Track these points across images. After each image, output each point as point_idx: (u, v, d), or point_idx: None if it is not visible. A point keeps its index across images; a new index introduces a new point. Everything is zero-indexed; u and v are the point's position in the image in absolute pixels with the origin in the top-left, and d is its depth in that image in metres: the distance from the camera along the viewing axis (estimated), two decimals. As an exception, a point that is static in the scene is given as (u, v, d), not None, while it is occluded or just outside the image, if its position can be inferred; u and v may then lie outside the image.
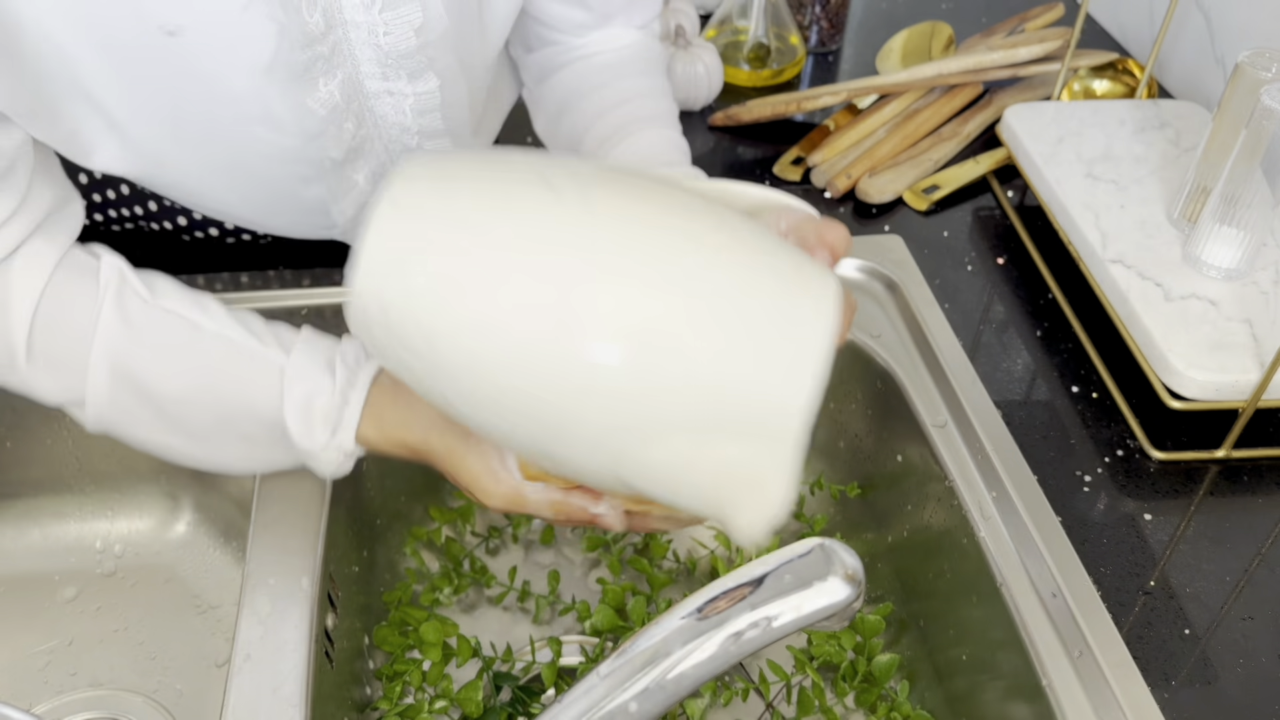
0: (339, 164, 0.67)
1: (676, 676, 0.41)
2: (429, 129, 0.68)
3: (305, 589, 0.64)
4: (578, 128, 0.73)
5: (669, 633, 0.41)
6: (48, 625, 0.82)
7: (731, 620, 0.41)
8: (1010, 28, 1.13)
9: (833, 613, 0.40)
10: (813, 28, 1.15)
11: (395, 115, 0.67)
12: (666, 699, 0.41)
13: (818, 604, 0.40)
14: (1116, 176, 0.85)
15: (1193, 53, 1.05)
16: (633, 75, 0.75)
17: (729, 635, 0.40)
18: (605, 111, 0.72)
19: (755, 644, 0.41)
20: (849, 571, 0.41)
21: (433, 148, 0.70)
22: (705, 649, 0.41)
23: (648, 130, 0.70)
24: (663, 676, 0.41)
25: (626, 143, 0.69)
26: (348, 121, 0.64)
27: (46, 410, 0.81)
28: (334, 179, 0.67)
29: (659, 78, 0.76)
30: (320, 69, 0.60)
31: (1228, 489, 0.71)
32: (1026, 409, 0.76)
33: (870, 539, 0.83)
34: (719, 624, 0.41)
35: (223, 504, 0.86)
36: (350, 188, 0.69)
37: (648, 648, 0.41)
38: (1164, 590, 0.65)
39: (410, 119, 0.67)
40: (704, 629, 0.41)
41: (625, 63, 0.75)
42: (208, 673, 0.80)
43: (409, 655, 0.74)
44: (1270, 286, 0.75)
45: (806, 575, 0.41)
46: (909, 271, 0.85)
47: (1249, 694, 0.60)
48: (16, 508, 0.86)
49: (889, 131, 1.00)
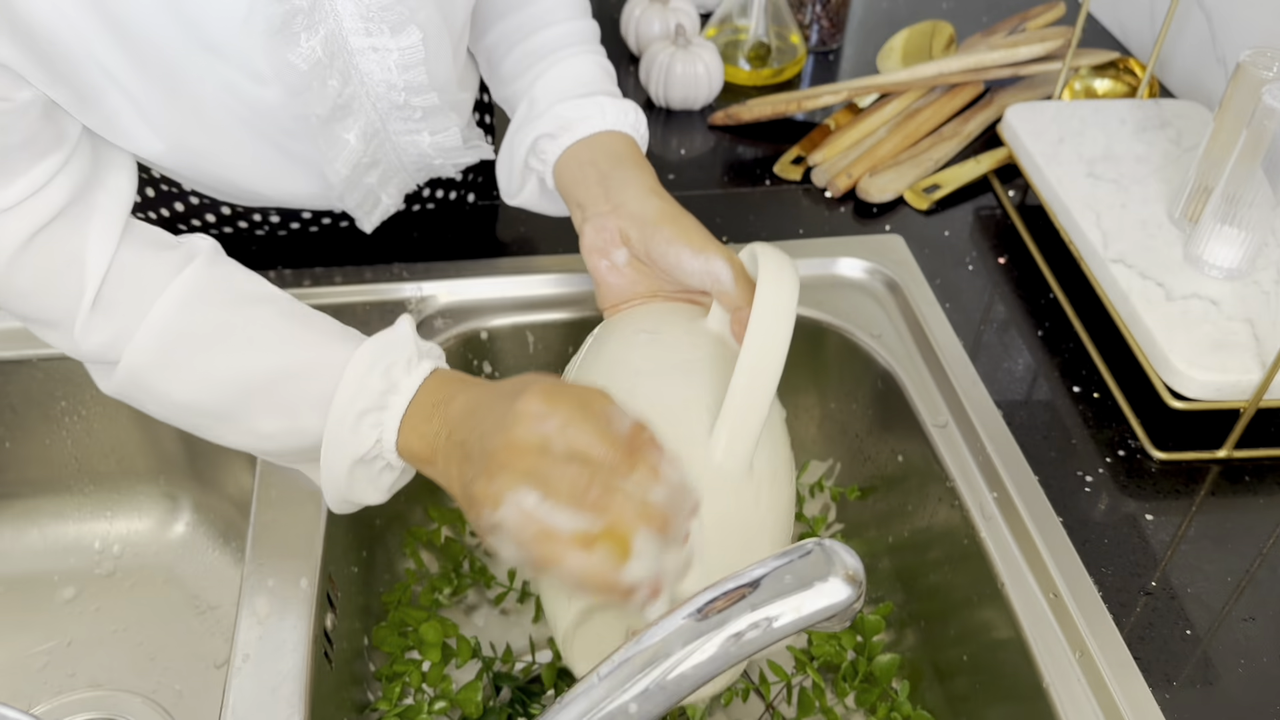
0: (326, 121, 0.67)
1: (677, 678, 0.41)
2: (415, 84, 0.68)
3: (304, 589, 0.63)
4: (507, 38, 0.76)
5: (669, 634, 0.41)
6: (47, 625, 0.82)
7: (732, 621, 0.40)
8: (1011, 27, 1.12)
9: (833, 614, 0.40)
10: (813, 27, 1.15)
11: (381, 72, 0.66)
12: (667, 700, 0.41)
13: (818, 605, 0.40)
14: (1118, 176, 0.85)
15: (1194, 52, 1.05)
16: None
17: (729, 636, 0.40)
18: (533, 26, 0.75)
19: (756, 645, 0.41)
20: (849, 572, 0.40)
21: (420, 103, 0.70)
22: (705, 650, 0.40)
23: (574, 57, 0.74)
24: (663, 678, 0.41)
25: (555, 69, 0.73)
26: (332, 79, 0.64)
27: (47, 410, 0.81)
28: (323, 137, 0.68)
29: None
30: (301, 24, 0.60)
31: (1229, 489, 0.71)
32: (1028, 409, 0.75)
33: (871, 538, 0.83)
34: (719, 625, 0.40)
35: (222, 504, 0.86)
36: (341, 147, 0.69)
37: (647, 648, 0.41)
38: (1165, 590, 0.65)
39: (396, 75, 0.67)
40: (704, 630, 0.41)
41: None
42: (207, 673, 0.80)
43: (408, 656, 0.74)
44: (1271, 286, 0.75)
45: (807, 576, 0.40)
46: (910, 271, 0.84)
47: (1250, 694, 0.60)
48: (16, 508, 0.86)
49: (890, 131, 1.00)
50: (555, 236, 0.88)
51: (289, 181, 0.73)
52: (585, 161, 0.69)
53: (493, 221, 0.90)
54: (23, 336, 0.78)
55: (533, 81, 0.74)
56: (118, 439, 0.84)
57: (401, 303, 0.80)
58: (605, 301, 0.68)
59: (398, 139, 0.73)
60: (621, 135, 0.70)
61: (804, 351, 0.84)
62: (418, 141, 0.74)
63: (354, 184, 0.74)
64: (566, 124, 0.70)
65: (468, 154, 0.78)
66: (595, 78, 0.74)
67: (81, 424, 0.82)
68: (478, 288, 0.82)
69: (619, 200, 0.65)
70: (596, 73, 0.74)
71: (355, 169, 0.72)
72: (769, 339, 0.55)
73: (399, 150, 0.74)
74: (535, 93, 0.73)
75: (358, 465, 0.59)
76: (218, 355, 0.61)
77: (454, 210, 0.91)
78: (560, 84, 0.72)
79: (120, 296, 0.60)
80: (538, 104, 0.72)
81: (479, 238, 0.88)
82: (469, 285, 0.82)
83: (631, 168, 0.68)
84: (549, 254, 0.85)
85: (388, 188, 0.77)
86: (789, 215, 0.92)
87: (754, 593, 0.40)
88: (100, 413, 0.82)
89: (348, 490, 0.61)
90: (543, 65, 0.74)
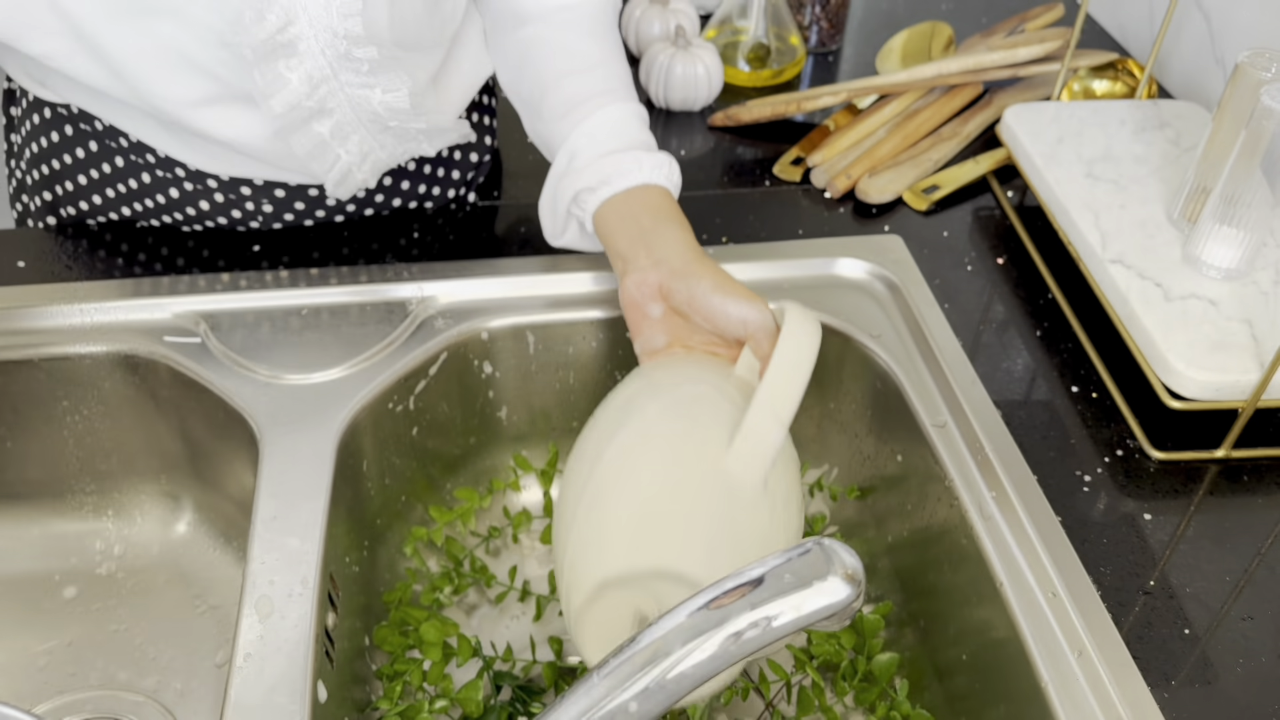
0: (264, 57, 0.68)
1: (677, 676, 0.41)
2: (353, 34, 0.70)
3: (305, 589, 0.64)
4: (536, 90, 0.79)
5: (668, 632, 0.41)
6: (48, 625, 0.82)
7: (731, 620, 0.41)
8: (1010, 28, 1.13)
9: (833, 613, 0.40)
10: (813, 28, 1.15)
11: (325, 18, 0.68)
12: (666, 699, 0.41)
13: (818, 604, 0.40)
14: (1116, 176, 0.85)
15: (1193, 53, 1.05)
16: (588, 37, 0.79)
17: (729, 635, 0.40)
18: (563, 77, 0.78)
19: (755, 644, 0.41)
20: (849, 571, 0.41)
21: (362, 55, 0.71)
22: (705, 649, 0.41)
23: (609, 106, 0.76)
24: (663, 676, 0.41)
25: (592, 119, 0.76)
26: (270, 14, 0.66)
27: (48, 410, 0.81)
28: (260, 72, 0.69)
29: (612, 36, 0.81)
30: None
31: (1228, 489, 0.71)
32: (1026, 409, 0.76)
33: (870, 538, 0.83)
34: (719, 623, 0.41)
35: (223, 504, 0.86)
36: (281, 85, 0.70)
37: (647, 647, 0.41)
38: (1164, 590, 0.65)
39: (337, 21, 0.69)
40: (703, 628, 0.41)
41: (580, 21, 0.80)
42: (208, 672, 0.80)
43: (409, 655, 0.74)
44: (1270, 286, 0.75)
45: (806, 575, 0.41)
46: (909, 272, 0.85)
47: (1249, 694, 0.60)
48: (16, 507, 0.86)
49: (889, 132, 1.01)
50: (555, 237, 0.88)
51: (229, 113, 0.74)
52: (625, 215, 0.73)
53: (493, 221, 0.90)
54: (24, 336, 0.79)
55: (570, 130, 0.76)
56: (119, 439, 0.84)
57: (402, 303, 0.80)
58: (642, 350, 0.72)
59: (351, 91, 0.74)
60: (659, 189, 0.74)
61: (803, 352, 0.84)
62: (369, 97, 0.74)
63: (298, 128, 0.74)
64: (606, 178, 0.73)
65: (437, 124, 0.79)
66: (632, 129, 0.76)
67: (83, 423, 0.82)
68: (478, 288, 0.82)
69: (661, 256, 0.69)
70: (633, 123, 0.77)
71: (296, 110, 0.72)
72: (795, 358, 0.60)
73: (354, 104, 0.75)
74: (574, 144, 0.76)
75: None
76: None
77: (454, 210, 0.91)
78: (598, 136, 0.76)
79: None
80: (578, 157, 0.75)
81: (479, 238, 0.88)
82: (469, 285, 0.82)
83: (672, 225, 0.72)
84: (549, 254, 0.85)
85: (347, 144, 0.77)
86: (788, 216, 0.92)
87: (754, 591, 0.41)
88: (102, 412, 0.82)
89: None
90: (579, 114, 0.76)
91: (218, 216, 0.84)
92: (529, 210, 0.91)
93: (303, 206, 0.85)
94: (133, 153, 0.81)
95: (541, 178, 0.78)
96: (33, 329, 0.79)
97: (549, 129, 0.79)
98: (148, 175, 0.82)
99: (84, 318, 0.80)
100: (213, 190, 0.82)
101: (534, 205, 0.92)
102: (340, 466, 0.70)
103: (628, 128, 0.76)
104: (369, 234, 0.87)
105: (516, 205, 0.92)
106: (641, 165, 0.73)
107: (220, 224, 0.85)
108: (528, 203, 0.92)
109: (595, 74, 0.78)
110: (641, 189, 0.73)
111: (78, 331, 0.79)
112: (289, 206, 0.84)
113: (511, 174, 0.96)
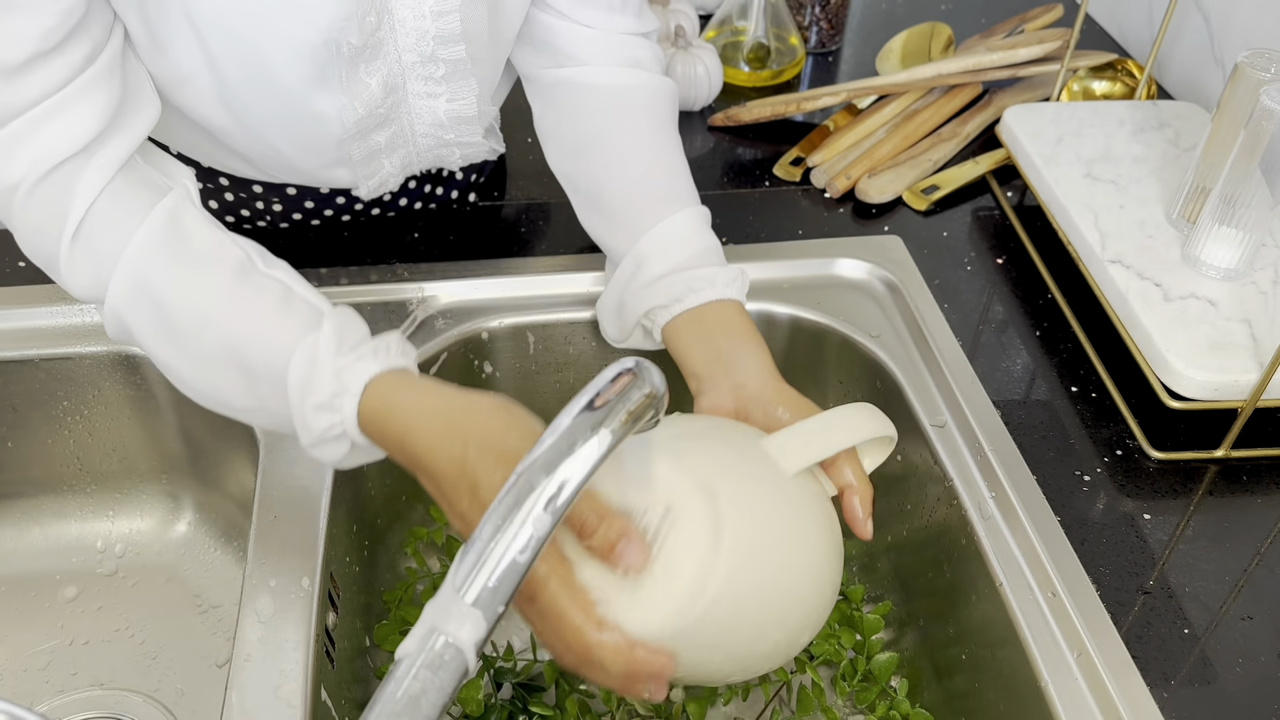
0: (354, 58, 0.67)
1: (565, 503, 0.42)
2: (445, 33, 0.69)
3: (306, 589, 0.64)
4: (598, 179, 0.76)
5: (566, 429, 0.44)
6: (49, 625, 0.82)
7: (618, 411, 0.45)
8: (1010, 28, 1.13)
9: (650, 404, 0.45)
10: (812, 28, 1.16)
11: (414, 20, 0.68)
12: (552, 522, 0.42)
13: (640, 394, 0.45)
14: (1116, 177, 0.85)
15: (1192, 53, 1.05)
16: (646, 125, 0.76)
17: (618, 425, 0.44)
18: (627, 175, 0.75)
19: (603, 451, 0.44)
20: (655, 386, 0.46)
21: (447, 55, 0.71)
22: (588, 455, 0.43)
23: (678, 212, 0.73)
24: (553, 504, 0.42)
25: (660, 226, 0.72)
26: (370, 14, 0.66)
27: (49, 410, 0.81)
28: (348, 74, 0.69)
29: (673, 127, 0.78)
30: None
31: (1227, 489, 0.71)
32: (1025, 409, 0.76)
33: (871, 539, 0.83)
34: (608, 414, 0.44)
35: (224, 504, 0.86)
36: (362, 89, 0.70)
37: (555, 440, 0.43)
38: (1163, 590, 0.65)
39: (429, 22, 0.68)
40: (597, 421, 0.44)
41: (636, 106, 0.77)
42: (208, 672, 0.80)
43: (409, 655, 0.74)
44: (1269, 286, 0.76)
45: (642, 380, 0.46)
46: (908, 272, 0.85)
47: (1248, 693, 0.60)
48: (17, 507, 0.87)
49: (889, 132, 1.01)
50: (555, 237, 0.88)
51: (299, 147, 0.74)
52: (700, 336, 0.69)
53: (494, 222, 0.90)
54: (24, 336, 0.79)
55: (636, 237, 0.73)
56: (120, 438, 0.84)
57: (402, 303, 0.80)
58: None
59: (414, 101, 0.74)
60: (733, 304, 0.70)
61: (804, 351, 0.84)
62: (434, 107, 0.74)
63: (363, 135, 0.74)
64: (678, 296, 0.70)
65: (476, 139, 0.78)
66: (702, 237, 0.73)
67: (84, 423, 0.82)
68: (479, 288, 0.82)
69: (739, 382, 0.66)
70: (701, 229, 0.74)
71: (370, 117, 0.72)
72: (860, 418, 0.59)
73: (414, 115, 0.75)
74: (642, 252, 0.72)
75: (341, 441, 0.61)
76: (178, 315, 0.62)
77: (455, 211, 0.91)
78: (669, 247, 0.72)
79: (98, 233, 0.61)
80: (646, 268, 0.72)
81: (480, 238, 0.88)
82: (470, 285, 0.82)
83: (750, 346, 0.68)
84: (549, 254, 0.85)
85: (393, 155, 0.78)
86: (788, 216, 0.92)
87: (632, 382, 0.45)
88: (102, 412, 0.82)
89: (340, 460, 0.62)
90: (647, 220, 0.73)
91: (225, 216, 0.84)
92: (529, 210, 0.91)
93: (311, 205, 0.85)
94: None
95: (542, 178, 0.77)
96: (33, 329, 0.79)
97: (611, 230, 0.75)
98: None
99: (84, 318, 0.80)
100: (224, 189, 0.82)
101: (534, 205, 0.92)
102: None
103: (698, 235, 0.73)
104: (370, 234, 0.87)
105: (517, 205, 0.92)
106: (714, 282, 0.70)
107: (227, 222, 0.85)
108: (528, 203, 0.92)
109: (661, 175, 0.75)
110: (715, 304, 0.69)
111: (78, 331, 0.79)
112: (298, 205, 0.84)
113: (512, 174, 0.96)
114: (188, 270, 0.62)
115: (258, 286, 0.62)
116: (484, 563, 0.41)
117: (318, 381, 0.59)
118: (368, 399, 0.59)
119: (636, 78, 0.77)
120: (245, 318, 0.61)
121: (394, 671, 0.39)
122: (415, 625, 0.41)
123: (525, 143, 0.99)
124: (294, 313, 0.61)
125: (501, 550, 0.41)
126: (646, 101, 0.77)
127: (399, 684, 0.39)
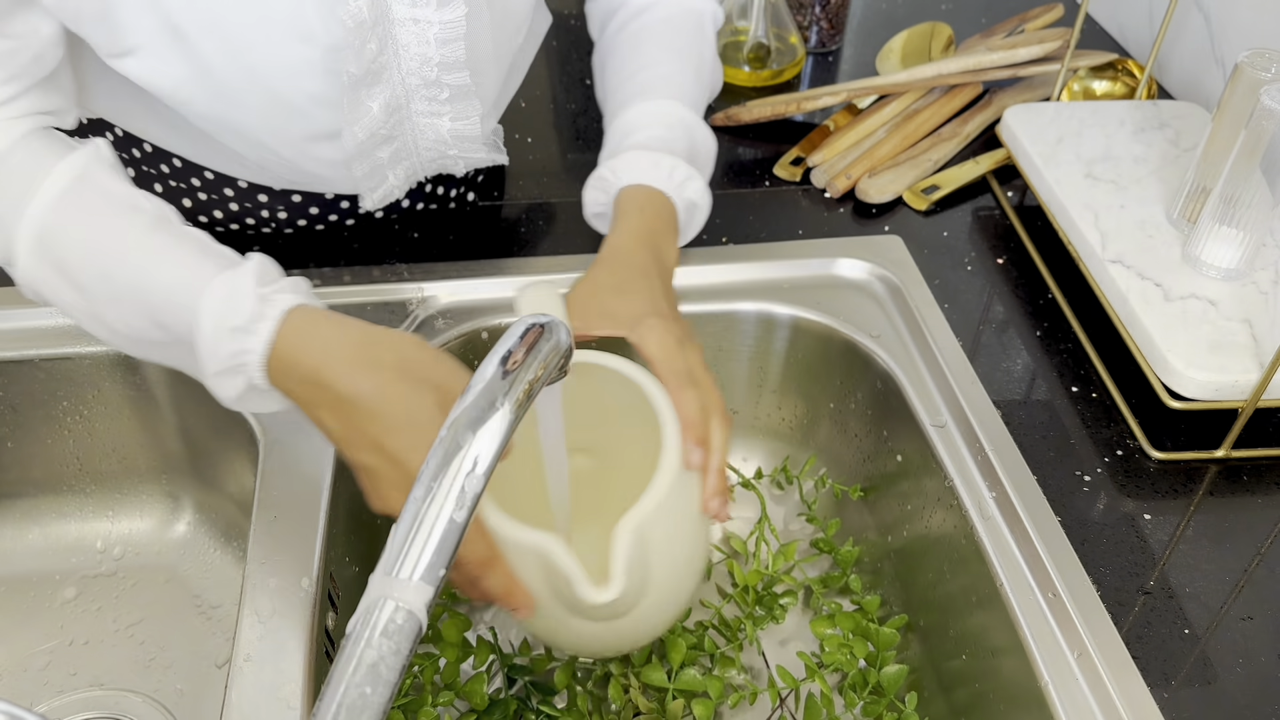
0: (355, 84, 0.68)
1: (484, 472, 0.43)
2: (450, 60, 0.70)
3: (306, 589, 0.64)
4: (605, 87, 0.83)
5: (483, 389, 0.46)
6: (48, 625, 0.82)
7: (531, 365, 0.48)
8: (1010, 28, 1.13)
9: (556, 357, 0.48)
10: (812, 28, 1.15)
11: (418, 46, 0.68)
12: (476, 491, 0.43)
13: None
14: (1116, 177, 0.85)
15: (1192, 53, 1.05)
16: (662, 38, 0.82)
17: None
18: (625, 79, 0.80)
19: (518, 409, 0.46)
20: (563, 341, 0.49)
21: (451, 81, 0.71)
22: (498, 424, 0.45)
23: (639, 102, 0.78)
24: (471, 473, 0.42)
25: (621, 114, 0.78)
26: (371, 41, 0.66)
27: (48, 410, 0.81)
28: (349, 100, 0.69)
29: (685, 39, 0.83)
30: None
31: (1227, 489, 0.71)
32: (1026, 409, 0.76)
33: (872, 541, 0.83)
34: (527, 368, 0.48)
35: (223, 504, 0.86)
36: (364, 113, 0.70)
37: (439, 459, 0.43)
38: (1163, 590, 0.65)
39: (433, 49, 0.69)
40: (509, 381, 0.48)
41: (660, 23, 0.82)
42: (208, 673, 0.80)
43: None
44: (1270, 286, 0.76)
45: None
46: (909, 272, 0.85)
47: (1249, 694, 0.60)
48: (17, 508, 0.87)
49: (889, 132, 1.01)
50: (555, 237, 0.88)
51: (300, 159, 0.74)
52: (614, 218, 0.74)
53: (494, 222, 0.90)
54: (24, 336, 0.79)
55: (611, 119, 0.79)
56: (119, 438, 0.84)
57: (403, 303, 0.80)
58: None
59: (418, 120, 0.74)
60: (642, 192, 0.74)
61: (804, 352, 0.84)
62: (437, 126, 0.75)
63: (366, 154, 0.74)
64: (604, 180, 0.75)
65: (483, 151, 0.79)
66: (649, 130, 0.77)
67: (83, 423, 0.82)
68: (479, 288, 0.82)
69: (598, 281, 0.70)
70: (656, 120, 0.78)
71: (372, 139, 0.72)
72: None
73: (417, 132, 0.75)
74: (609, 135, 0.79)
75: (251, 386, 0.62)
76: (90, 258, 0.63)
77: (456, 210, 0.91)
78: (630, 130, 0.77)
79: (5, 182, 0.63)
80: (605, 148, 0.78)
81: (480, 238, 0.88)
82: (470, 285, 0.82)
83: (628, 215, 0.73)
84: (549, 254, 0.85)
85: (396, 169, 0.78)
86: (788, 216, 0.92)
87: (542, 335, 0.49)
88: (102, 412, 0.82)
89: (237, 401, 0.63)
90: (621, 106, 0.79)
91: (230, 223, 0.84)
92: (529, 210, 0.91)
93: (316, 211, 0.85)
94: (149, 161, 0.81)
95: (542, 178, 0.78)
96: (33, 329, 0.79)
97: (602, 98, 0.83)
98: (160, 186, 0.81)
99: (84, 318, 0.80)
100: (229, 199, 0.82)
101: (534, 205, 0.92)
102: (340, 466, 0.70)
103: (643, 125, 0.77)
104: (370, 234, 0.87)
105: (517, 205, 0.92)
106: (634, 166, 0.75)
107: (231, 229, 0.85)
108: (528, 203, 0.92)
109: (648, 73, 0.80)
110: (631, 190, 0.74)
111: (78, 331, 0.79)
112: (303, 211, 0.84)
113: (512, 174, 0.96)
114: (102, 217, 0.63)
115: (176, 234, 0.64)
116: (420, 525, 0.41)
117: (238, 304, 0.59)
118: (285, 329, 0.59)
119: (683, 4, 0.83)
120: (162, 256, 0.62)
121: (345, 644, 0.39)
122: (362, 597, 0.41)
123: (525, 143, 0.99)
124: (212, 257, 0.62)
125: (436, 511, 0.41)
126: (669, 17, 0.83)
127: (353, 655, 0.39)
